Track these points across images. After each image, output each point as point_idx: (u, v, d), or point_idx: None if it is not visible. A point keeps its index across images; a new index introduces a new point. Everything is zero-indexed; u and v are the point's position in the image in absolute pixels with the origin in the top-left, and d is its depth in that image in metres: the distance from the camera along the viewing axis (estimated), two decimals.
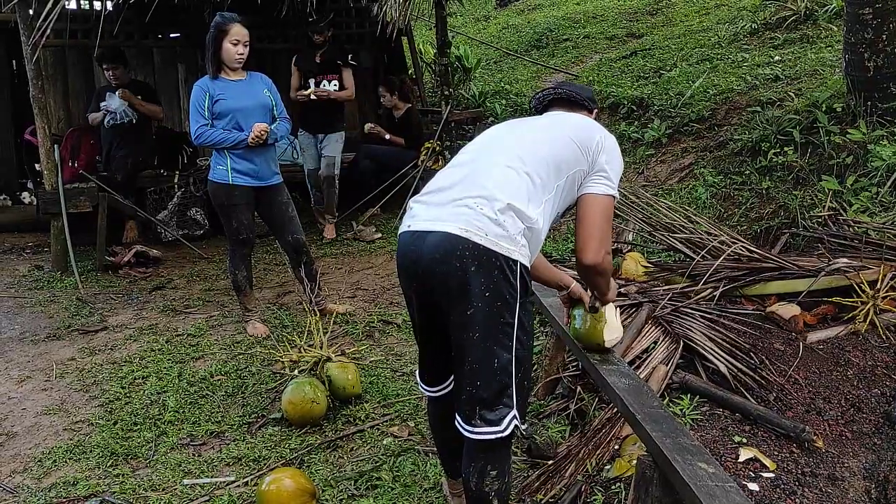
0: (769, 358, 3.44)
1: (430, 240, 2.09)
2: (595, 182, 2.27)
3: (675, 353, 3.50)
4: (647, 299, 4.04)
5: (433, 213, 2.15)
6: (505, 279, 2.05)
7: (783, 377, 3.33)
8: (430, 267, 2.09)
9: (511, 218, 2.06)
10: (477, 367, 2.10)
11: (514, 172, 2.16)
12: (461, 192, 2.14)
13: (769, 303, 4.03)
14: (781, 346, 3.57)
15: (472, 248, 2.03)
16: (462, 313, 2.07)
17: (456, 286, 2.06)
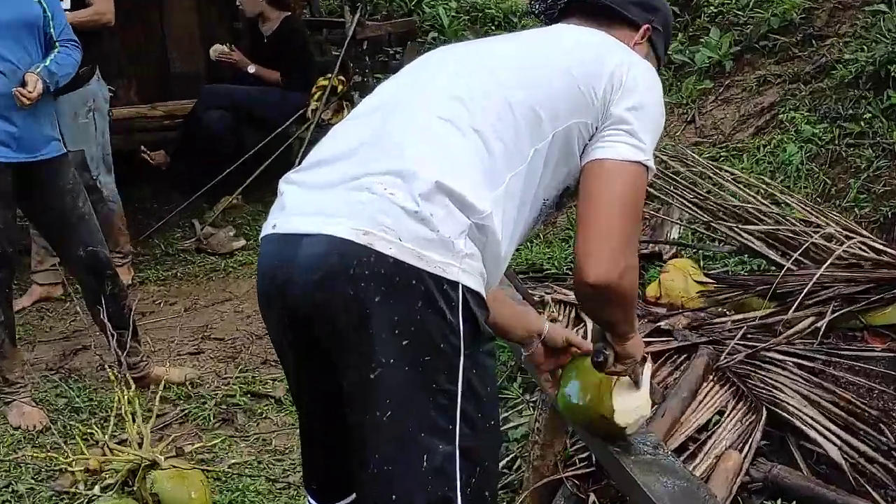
0: None
1: (306, 249, 2.09)
2: (610, 141, 2.26)
3: (755, 429, 3.56)
4: (704, 339, 4.11)
5: (313, 202, 2.16)
6: (437, 315, 2.05)
7: None
8: (308, 295, 2.10)
9: (444, 209, 2.04)
10: (388, 471, 2.09)
11: (453, 129, 2.15)
12: (360, 165, 2.14)
13: None
14: None
15: (377, 264, 2.03)
16: (360, 377, 2.08)
17: (349, 329, 2.07)
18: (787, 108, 6.49)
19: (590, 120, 2.29)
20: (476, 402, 2.15)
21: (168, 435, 4.47)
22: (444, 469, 2.11)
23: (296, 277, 2.12)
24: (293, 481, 4.17)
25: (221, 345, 5.63)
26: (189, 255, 7.07)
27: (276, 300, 2.21)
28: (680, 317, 4.43)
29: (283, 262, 2.15)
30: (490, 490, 2.25)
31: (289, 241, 2.15)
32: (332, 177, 2.18)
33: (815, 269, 4.17)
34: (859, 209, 5.52)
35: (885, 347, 4.09)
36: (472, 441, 2.15)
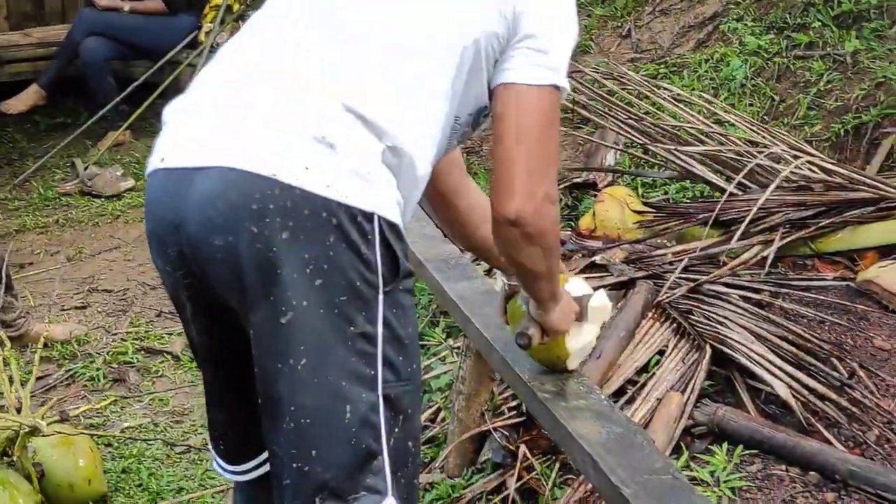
0: (866, 365, 3.58)
1: (200, 184, 2.06)
2: (520, 62, 2.28)
3: (699, 368, 3.60)
4: (643, 273, 4.14)
5: (205, 131, 2.13)
6: (351, 251, 2.04)
7: (891, 398, 3.47)
8: (205, 237, 2.06)
9: (353, 132, 2.04)
10: (307, 423, 2.09)
11: (358, 47, 2.15)
12: (257, 88, 2.12)
13: (863, 264, 4.20)
14: (886, 342, 3.72)
15: (282, 196, 2.00)
16: (269, 323, 2.07)
17: (255, 273, 2.04)
18: (730, 19, 6.52)
19: (500, 30, 2.28)
20: (397, 344, 2.15)
21: (51, 398, 4.41)
22: (369, 419, 2.11)
23: (190, 217, 2.08)
24: (193, 444, 4.16)
25: (110, 297, 5.58)
26: (72, 199, 6.96)
27: (168, 244, 2.17)
28: (616, 250, 4.46)
29: (175, 201, 2.11)
30: (414, 441, 2.25)
31: (180, 175, 2.11)
32: (226, 102, 2.15)
33: (762, 193, 4.21)
34: (809, 127, 5.58)
35: (838, 275, 4.16)
36: (395, 388, 2.15)
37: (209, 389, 2.47)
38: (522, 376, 2.89)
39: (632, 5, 7.17)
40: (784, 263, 4.30)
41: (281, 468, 2.18)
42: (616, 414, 2.75)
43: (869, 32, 5.75)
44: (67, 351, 4.94)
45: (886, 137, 5.17)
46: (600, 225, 4.78)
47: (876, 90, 5.47)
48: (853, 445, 3.32)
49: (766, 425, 3.33)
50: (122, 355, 4.89)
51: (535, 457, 3.46)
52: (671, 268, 4.14)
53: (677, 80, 6.19)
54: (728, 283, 4.02)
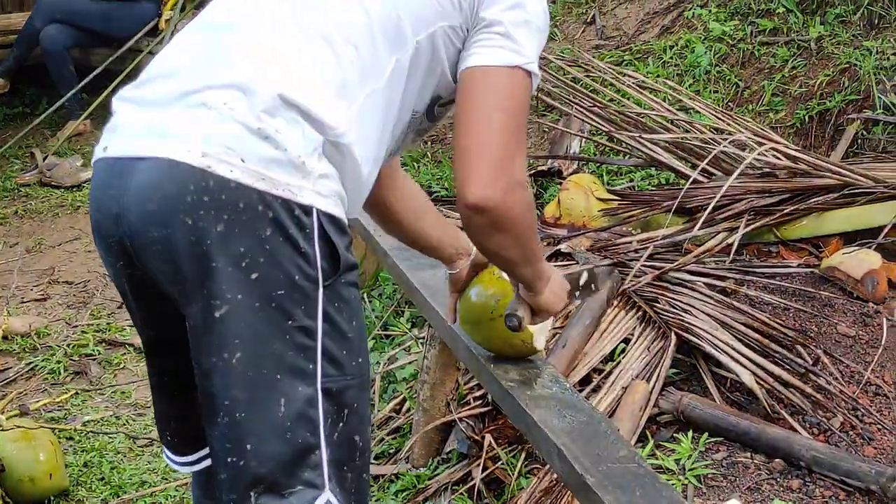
0: (830, 352, 3.62)
1: (139, 175, 2.06)
2: (482, 45, 2.26)
3: (664, 356, 3.62)
4: (608, 261, 4.15)
5: (146, 120, 2.12)
6: (288, 244, 2.04)
7: (856, 385, 3.51)
8: (142, 228, 2.07)
9: (291, 124, 2.02)
10: (241, 417, 2.09)
11: (300, 38, 2.14)
12: (197, 78, 2.11)
13: (827, 251, 4.23)
14: (850, 329, 3.75)
15: (217, 189, 2.00)
16: (203, 316, 2.07)
17: (189, 265, 2.04)
18: (694, 5, 6.55)
19: (457, 23, 2.27)
20: (340, 338, 2.14)
21: (11, 392, 4.41)
22: (306, 413, 2.10)
23: (130, 208, 2.08)
24: (156, 437, 4.15)
25: (71, 289, 5.56)
26: (31, 190, 6.93)
27: (110, 234, 2.16)
28: (581, 238, 4.47)
29: (115, 191, 2.11)
30: (360, 435, 2.24)
31: (121, 165, 2.11)
32: (167, 92, 2.13)
33: (726, 180, 4.23)
34: (774, 113, 5.63)
35: (802, 262, 4.19)
36: (337, 382, 2.15)
37: (153, 380, 2.45)
38: (487, 366, 2.89)
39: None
40: (749, 251, 4.34)
41: (217, 462, 2.18)
42: (581, 403, 2.76)
43: (833, 18, 5.80)
44: (27, 343, 4.92)
45: (850, 124, 5.22)
46: (565, 213, 4.79)
47: (840, 76, 5.52)
48: (818, 432, 3.35)
49: (731, 413, 3.36)
50: (83, 347, 4.88)
51: (500, 446, 3.47)
52: (636, 256, 4.16)
53: (642, 67, 6.22)
54: (693, 271, 4.04)
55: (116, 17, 7.60)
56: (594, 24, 7.01)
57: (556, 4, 7.29)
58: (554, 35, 7.07)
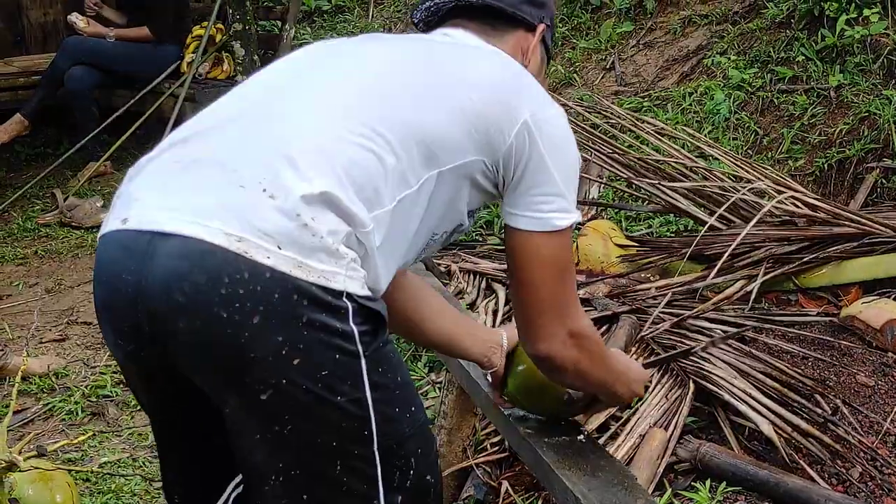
0: (849, 401, 3.60)
1: (165, 257, 1.99)
2: (529, 208, 2.30)
3: (682, 404, 3.61)
4: (626, 307, 4.15)
5: (175, 194, 2.05)
6: (325, 331, 2.02)
7: (875, 435, 3.49)
8: (166, 318, 2.00)
9: (327, 215, 2.03)
10: (297, 474, 2.10)
11: (345, 137, 2.12)
12: (237, 158, 2.06)
13: (847, 299, 4.22)
14: (870, 379, 3.74)
15: (252, 280, 1.96)
16: (246, 403, 2.05)
17: (226, 359, 2.01)
18: (714, 53, 6.57)
19: (490, 160, 2.27)
20: (390, 398, 2.15)
21: (29, 432, 4.40)
22: (362, 471, 2.13)
23: (151, 294, 2.00)
24: None
25: (90, 329, 5.55)
26: (51, 230, 6.95)
27: (123, 318, 2.09)
28: (599, 284, 4.48)
29: (133, 275, 2.03)
30: (431, 473, 2.29)
31: (143, 242, 2.03)
32: (198, 168, 2.09)
33: (745, 227, 4.23)
34: (793, 161, 5.62)
35: (821, 311, 4.18)
36: (397, 438, 2.16)
37: (163, 450, 2.44)
38: (505, 412, 2.90)
39: (616, 38, 7.22)
40: (768, 299, 4.33)
41: None
42: (599, 451, 2.76)
43: (853, 67, 5.80)
44: (45, 384, 4.92)
45: (870, 172, 5.22)
46: (583, 259, 4.80)
47: (860, 125, 5.52)
48: (836, 483, 3.33)
49: (749, 462, 3.34)
50: (100, 389, 4.87)
51: (517, 493, 3.46)
52: (654, 303, 4.16)
53: (661, 114, 6.23)
54: (711, 319, 4.04)
55: (140, 60, 7.68)
56: (613, 71, 7.04)
57: (576, 51, 7.33)
58: (573, 81, 7.11)
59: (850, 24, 5.87)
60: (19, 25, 8.80)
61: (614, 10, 7.38)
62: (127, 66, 7.71)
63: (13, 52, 8.64)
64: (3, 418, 3.98)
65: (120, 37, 7.77)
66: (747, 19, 6.65)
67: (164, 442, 2.42)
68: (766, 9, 6.51)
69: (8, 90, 8.04)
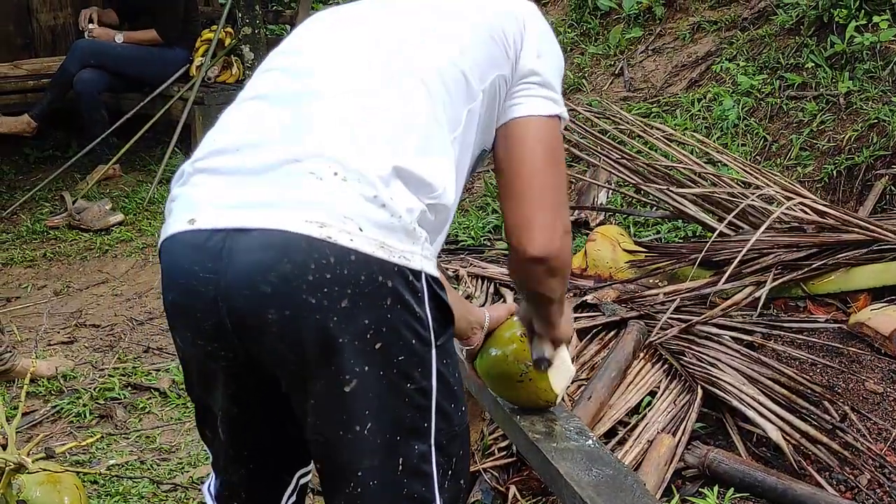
0: (857, 408, 3.60)
1: (246, 249, 1.99)
2: (522, 95, 2.32)
3: (690, 410, 3.62)
4: (634, 313, 4.16)
5: (243, 190, 2.05)
6: (406, 311, 2.05)
7: (883, 442, 3.49)
8: (254, 311, 2.01)
9: (402, 192, 2.05)
10: (374, 484, 2.13)
11: (395, 100, 2.14)
12: (295, 146, 2.06)
13: (856, 306, 4.22)
14: (878, 386, 3.74)
15: (338, 264, 1.97)
16: (331, 392, 2.06)
17: (314, 345, 2.01)
18: (723, 59, 6.58)
19: (506, 72, 2.32)
20: (448, 392, 2.17)
21: (37, 434, 4.39)
22: (420, 469, 2.15)
23: (234, 289, 2.01)
24: (180, 482, 4.15)
25: (98, 332, 5.55)
26: (60, 233, 6.95)
27: (203, 317, 2.08)
28: (608, 289, 4.47)
29: (210, 273, 2.02)
30: (464, 477, 2.31)
31: (217, 241, 2.01)
32: (261, 161, 2.07)
33: (754, 234, 4.23)
34: (802, 168, 5.63)
35: (830, 318, 4.18)
36: (448, 434, 2.19)
37: (228, 453, 2.42)
38: (513, 416, 2.90)
39: (624, 44, 7.24)
40: (776, 305, 4.33)
41: None
42: (607, 456, 2.76)
43: (862, 73, 5.81)
44: (54, 386, 4.91)
45: (879, 179, 5.22)
46: (592, 264, 4.80)
47: (869, 131, 5.52)
48: (844, 489, 3.33)
49: (757, 468, 3.35)
50: (108, 391, 4.86)
51: (525, 498, 3.46)
52: (663, 308, 4.16)
53: (670, 120, 6.24)
54: (720, 325, 4.04)
55: (149, 63, 7.69)
56: (622, 76, 7.06)
57: (585, 56, 7.34)
58: (582, 86, 7.13)
59: (859, 31, 5.88)
60: (29, 28, 8.81)
61: (623, 15, 7.39)
62: (136, 69, 7.73)
63: (22, 55, 8.66)
64: (12, 420, 3.99)
65: (128, 40, 7.79)
66: (756, 25, 6.66)
67: (236, 442, 2.40)
68: (775, 15, 6.53)
69: (17, 93, 8.06)
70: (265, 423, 2.31)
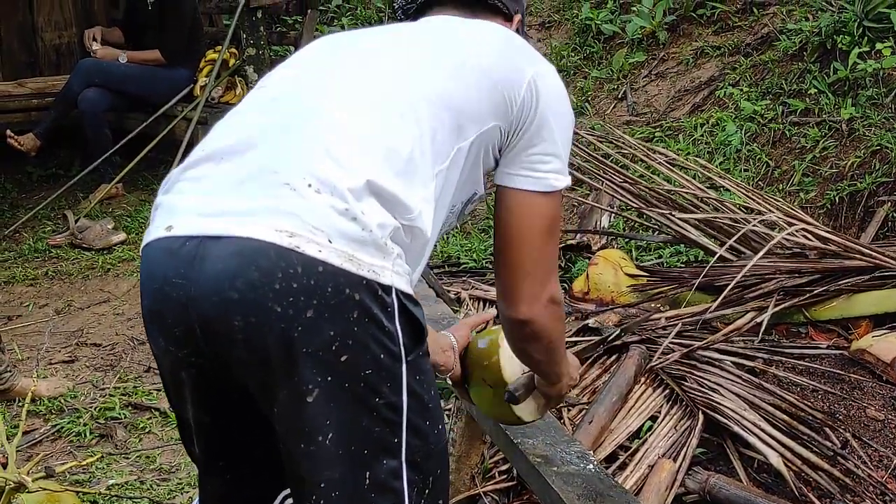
0: (859, 435, 3.60)
1: (215, 260, 2.02)
2: (528, 166, 2.35)
3: (691, 435, 3.62)
4: (636, 338, 4.16)
5: (217, 200, 2.08)
6: (374, 324, 2.05)
7: (884, 469, 3.49)
8: (220, 317, 2.03)
9: (374, 207, 2.06)
10: (337, 496, 2.12)
11: (380, 123, 2.16)
12: (274, 159, 2.09)
13: (857, 333, 4.23)
14: (880, 413, 3.74)
15: (305, 274, 2.00)
16: (293, 402, 2.07)
17: (278, 353, 2.03)
18: (726, 84, 6.61)
19: (504, 125, 2.33)
20: (422, 409, 2.17)
21: (37, 454, 4.40)
22: (389, 485, 2.14)
23: (203, 295, 2.04)
24: (180, 503, 4.15)
25: (99, 351, 5.55)
26: (62, 252, 6.94)
27: (174, 323, 2.11)
28: (610, 313, 4.48)
29: (182, 279, 2.06)
30: (443, 497, 2.30)
31: (191, 248, 2.05)
32: (239, 172, 2.11)
33: (754, 257, 4.25)
34: (804, 193, 5.64)
35: (832, 344, 4.19)
36: (422, 452, 2.18)
37: (205, 464, 2.44)
38: (514, 440, 2.91)
39: (628, 68, 7.26)
40: (778, 331, 4.35)
41: None
42: (608, 480, 2.76)
43: (865, 100, 5.83)
44: (54, 405, 4.92)
45: (881, 206, 5.23)
46: (593, 288, 4.81)
47: (871, 158, 5.54)
48: None
49: (758, 494, 3.35)
50: (109, 411, 4.87)
51: None
52: (664, 333, 4.17)
53: (672, 144, 6.26)
54: (721, 350, 4.05)
55: (152, 83, 7.71)
56: (625, 101, 7.08)
57: (588, 80, 7.37)
58: (585, 110, 7.15)
59: (862, 58, 5.91)
60: (33, 47, 8.83)
61: (627, 40, 7.42)
62: (139, 88, 7.74)
63: (26, 74, 8.67)
64: (13, 439, 4.00)
65: (132, 59, 7.81)
66: (760, 51, 6.69)
67: (211, 452, 2.41)
68: (778, 41, 6.55)
69: (21, 111, 8.06)
70: (240, 434, 2.31)
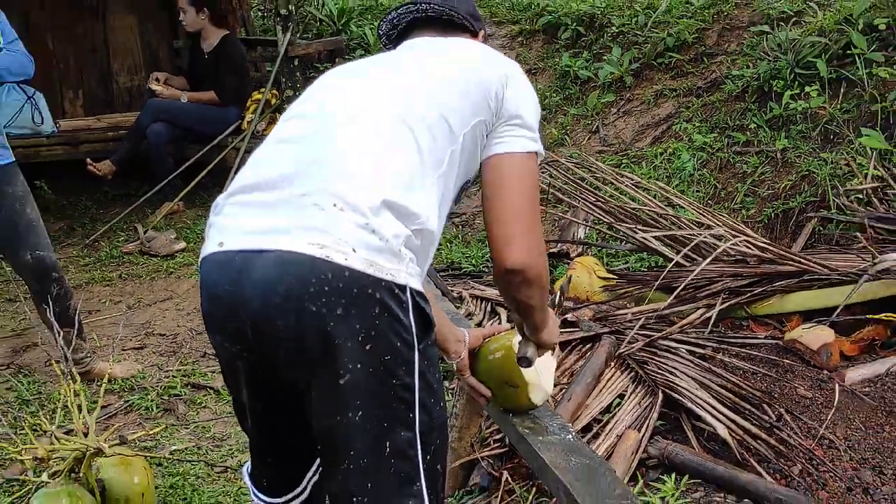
0: (791, 410, 3.61)
1: (261, 269, 2.06)
2: (506, 135, 2.36)
3: (652, 410, 3.62)
4: (607, 329, 4.16)
5: (260, 220, 2.13)
6: (392, 318, 2.08)
7: (812, 438, 3.49)
8: (266, 318, 2.07)
9: (389, 221, 2.10)
10: (365, 462, 2.15)
11: (390, 144, 2.19)
12: (305, 185, 2.13)
13: (789, 326, 4.23)
14: (808, 392, 3.74)
15: (334, 279, 2.03)
16: (329, 385, 2.09)
17: (315, 345, 2.06)
18: (681, 120, 6.60)
19: (487, 117, 2.36)
20: (429, 390, 2.19)
21: (112, 424, 4.43)
22: (407, 453, 2.17)
23: (251, 300, 2.08)
24: (230, 465, 4.16)
25: (163, 340, 5.59)
26: (133, 258, 6.99)
27: (227, 321, 2.16)
28: (585, 309, 4.48)
29: (233, 286, 2.10)
30: (442, 464, 2.32)
31: (240, 260, 2.10)
32: (276, 197, 2.15)
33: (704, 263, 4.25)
34: (746, 210, 5.64)
35: (768, 335, 4.20)
36: (428, 425, 2.21)
37: (256, 441, 2.48)
38: (506, 415, 2.91)
39: (600, 107, 7.26)
40: (724, 324, 4.34)
41: (340, 499, 2.21)
42: (583, 448, 2.76)
43: (796, 133, 5.83)
44: (126, 385, 4.95)
45: (809, 221, 5.24)
46: (572, 288, 4.80)
47: (801, 181, 5.54)
48: (780, 478, 3.33)
49: (708, 459, 3.35)
50: (171, 389, 4.90)
51: (515, 482, 3.47)
52: (630, 325, 4.17)
53: (637, 169, 6.26)
54: (678, 339, 4.05)
55: (208, 119, 7.74)
56: (598, 134, 7.08)
57: (567, 116, 7.36)
58: (564, 141, 7.14)
59: (793, 99, 5.91)
60: (110, 88, 8.86)
61: (599, 83, 7.42)
62: (197, 124, 7.77)
63: (104, 111, 8.69)
64: (93, 412, 4.01)
65: (192, 99, 7.84)
66: (709, 93, 6.68)
67: (257, 432, 2.45)
68: (724, 84, 6.55)
69: (100, 142, 8.07)
70: (285, 420, 2.34)
